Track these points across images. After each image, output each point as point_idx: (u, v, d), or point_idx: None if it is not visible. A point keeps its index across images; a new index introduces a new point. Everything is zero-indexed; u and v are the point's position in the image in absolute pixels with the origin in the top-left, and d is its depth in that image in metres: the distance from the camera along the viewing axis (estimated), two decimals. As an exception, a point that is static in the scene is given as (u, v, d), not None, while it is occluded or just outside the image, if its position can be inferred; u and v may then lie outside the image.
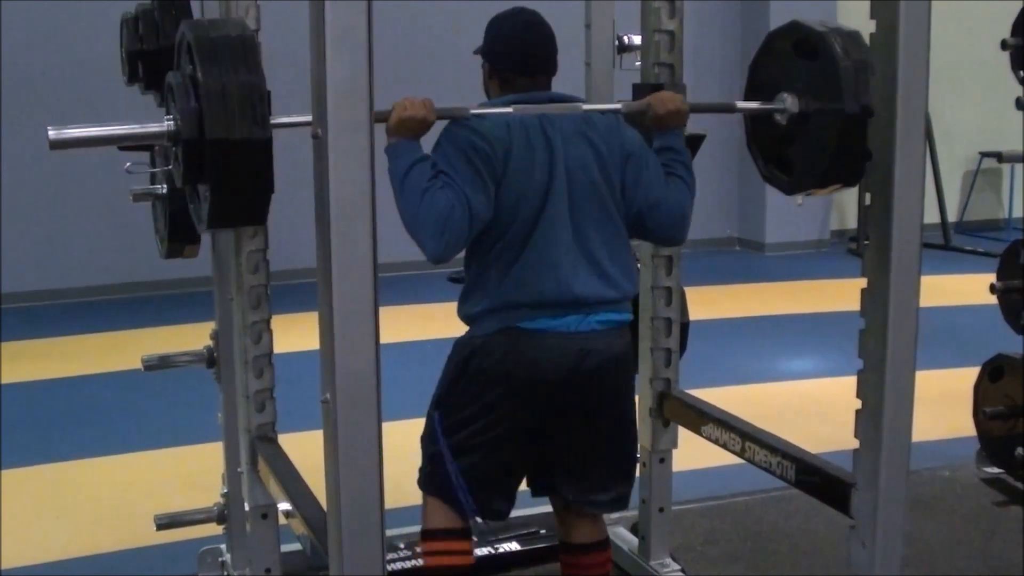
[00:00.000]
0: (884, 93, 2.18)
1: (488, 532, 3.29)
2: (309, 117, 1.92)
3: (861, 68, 2.24)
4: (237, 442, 2.94)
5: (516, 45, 2.60)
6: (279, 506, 2.77)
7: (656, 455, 3.17)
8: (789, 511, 3.83)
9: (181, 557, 3.47)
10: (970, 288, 6.25)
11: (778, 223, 8.83)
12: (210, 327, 3.14)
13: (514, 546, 3.41)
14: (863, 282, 2.28)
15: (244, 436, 2.87)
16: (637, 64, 3.13)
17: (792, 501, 3.78)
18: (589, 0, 3.19)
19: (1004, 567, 3.48)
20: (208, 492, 3.37)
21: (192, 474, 4.21)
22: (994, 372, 4.06)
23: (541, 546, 3.39)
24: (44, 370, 5.82)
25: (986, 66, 7.25)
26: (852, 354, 2.31)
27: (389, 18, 6.65)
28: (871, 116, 2.22)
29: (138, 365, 3.25)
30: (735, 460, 2.85)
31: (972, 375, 4.16)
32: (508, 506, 2.67)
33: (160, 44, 2.84)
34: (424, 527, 2.71)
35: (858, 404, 2.30)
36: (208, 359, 3.13)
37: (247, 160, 2.03)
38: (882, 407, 2.23)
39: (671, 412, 3.12)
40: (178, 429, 4.77)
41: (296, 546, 3.19)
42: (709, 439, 2.92)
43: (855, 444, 2.32)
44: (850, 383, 2.33)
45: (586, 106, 2.58)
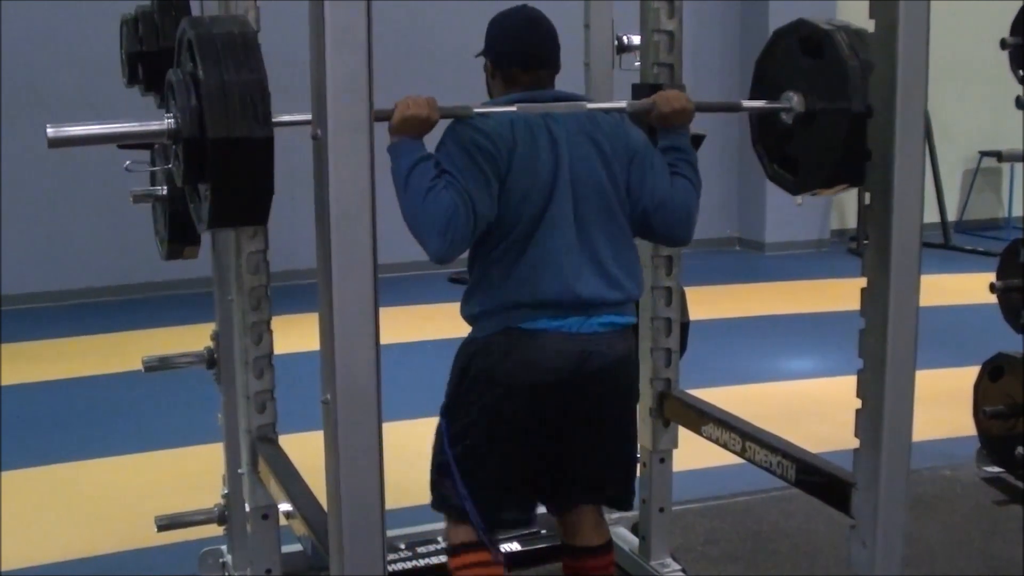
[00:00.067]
0: (884, 93, 2.17)
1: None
2: (309, 116, 1.91)
3: (868, 67, 2.22)
4: (238, 443, 2.94)
5: (518, 41, 2.57)
6: (280, 507, 2.76)
7: (656, 455, 3.17)
8: (789, 511, 3.83)
9: (182, 558, 3.47)
10: (970, 287, 6.25)
11: (778, 223, 8.84)
12: (210, 328, 3.14)
13: (515, 546, 3.41)
14: (863, 282, 2.28)
15: (245, 437, 2.87)
16: (636, 64, 3.13)
17: (792, 501, 3.78)
18: (588, 0, 3.19)
19: (1005, 566, 3.48)
20: (209, 493, 3.36)
21: (193, 475, 4.20)
22: (994, 371, 4.06)
23: (542, 546, 3.38)
24: (44, 371, 5.82)
25: (986, 65, 7.25)
26: (852, 354, 2.31)
27: (389, 18, 6.66)
28: (871, 116, 2.22)
29: (138, 366, 3.25)
30: (735, 460, 2.85)
31: (972, 374, 4.16)
32: (524, 515, 2.63)
33: (160, 45, 2.84)
34: (447, 544, 2.68)
35: (858, 404, 2.29)
36: (208, 360, 3.13)
37: (248, 159, 2.01)
38: (882, 407, 2.23)
39: (671, 412, 3.12)
40: (179, 430, 4.77)
41: (297, 547, 3.19)
42: (709, 439, 2.92)
43: (855, 444, 2.31)
44: (850, 383, 2.33)
45: (590, 105, 2.56)
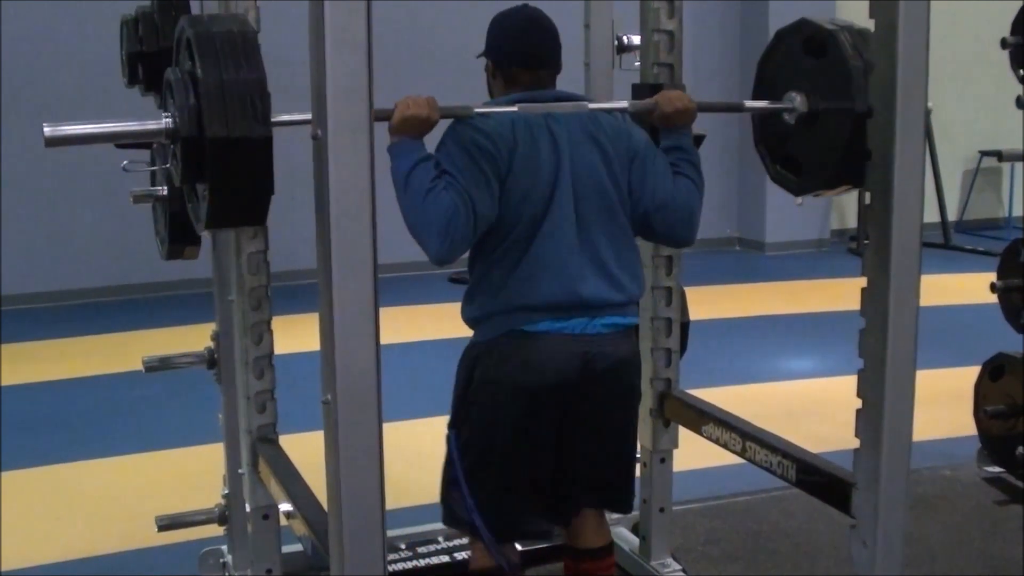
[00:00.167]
0: (884, 92, 2.17)
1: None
2: (309, 115, 1.91)
3: (871, 67, 2.21)
4: (238, 443, 2.94)
5: (519, 40, 2.56)
6: (280, 507, 2.76)
7: (657, 455, 3.17)
8: (790, 511, 3.83)
9: (182, 558, 3.47)
10: (970, 287, 6.25)
11: (778, 223, 8.84)
12: (211, 328, 3.14)
13: (515, 546, 3.41)
14: (863, 281, 2.28)
15: (245, 437, 2.87)
16: (636, 64, 3.13)
17: (793, 501, 3.78)
18: (588, 0, 3.19)
19: (1005, 566, 3.48)
20: (209, 493, 3.36)
21: (193, 475, 4.21)
22: (995, 371, 4.06)
23: (542, 546, 3.38)
24: (44, 371, 5.82)
25: (986, 65, 7.26)
26: (852, 353, 2.31)
27: (389, 18, 6.66)
28: (870, 116, 2.21)
29: (139, 366, 3.25)
30: (736, 460, 2.85)
31: (973, 374, 4.16)
32: (541, 525, 2.59)
33: (160, 46, 2.84)
34: (470, 569, 2.66)
35: (858, 403, 2.29)
36: (209, 360, 3.13)
37: (247, 159, 1.99)
38: (883, 406, 2.23)
39: (672, 412, 3.12)
40: (179, 430, 4.77)
41: (297, 547, 3.19)
42: (710, 439, 2.92)
43: (856, 443, 2.31)
44: (850, 382, 2.33)
45: (592, 105, 2.54)
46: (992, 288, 4.03)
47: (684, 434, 3.14)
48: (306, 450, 2.64)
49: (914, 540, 3.50)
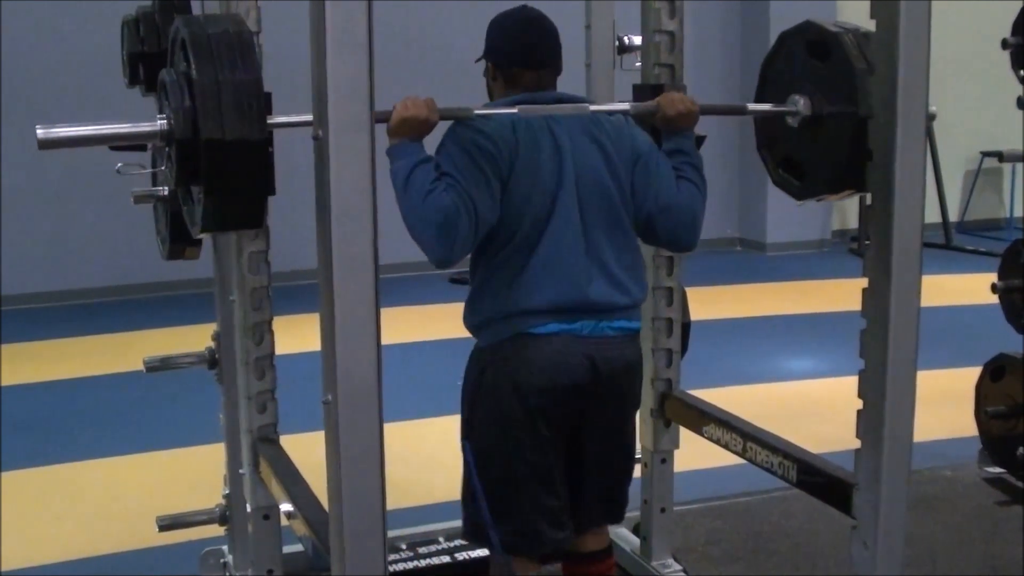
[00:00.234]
0: (885, 93, 2.17)
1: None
2: (306, 117, 1.90)
3: (875, 70, 2.19)
4: (239, 443, 2.94)
5: (519, 39, 2.54)
6: (281, 507, 2.76)
7: (658, 455, 3.17)
8: (790, 511, 3.83)
9: (183, 558, 3.47)
10: (971, 288, 6.24)
11: (779, 223, 8.83)
12: (212, 328, 3.14)
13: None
14: (864, 282, 2.27)
15: (246, 437, 2.87)
16: (637, 65, 3.12)
17: (793, 501, 3.78)
18: (589, 0, 3.19)
19: (1006, 567, 3.48)
20: (210, 493, 3.37)
21: (194, 475, 4.21)
22: (996, 372, 4.06)
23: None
24: (45, 372, 5.83)
25: (987, 65, 7.24)
26: (853, 354, 2.31)
27: (389, 19, 6.66)
28: (870, 117, 2.21)
29: (140, 367, 3.26)
30: (736, 460, 2.85)
31: (973, 375, 4.16)
32: (557, 535, 2.51)
33: (161, 46, 2.84)
34: None
35: (859, 404, 2.29)
36: (210, 360, 3.13)
37: (243, 161, 1.96)
38: (883, 407, 2.22)
39: (672, 412, 3.12)
40: (180, 430, 4.77)
41: (298, 547, 3.19)
42: (710, 439, 2.92)
43: (856, 444, 2.31)
44: (851, 383, 2.33)
45: (593, 107, 2.51)
46: (993, 289, 4.02)
47: (685, 434, 3.14)
48: (307, 450, 2.65)
49: (915, 541, 3.50)
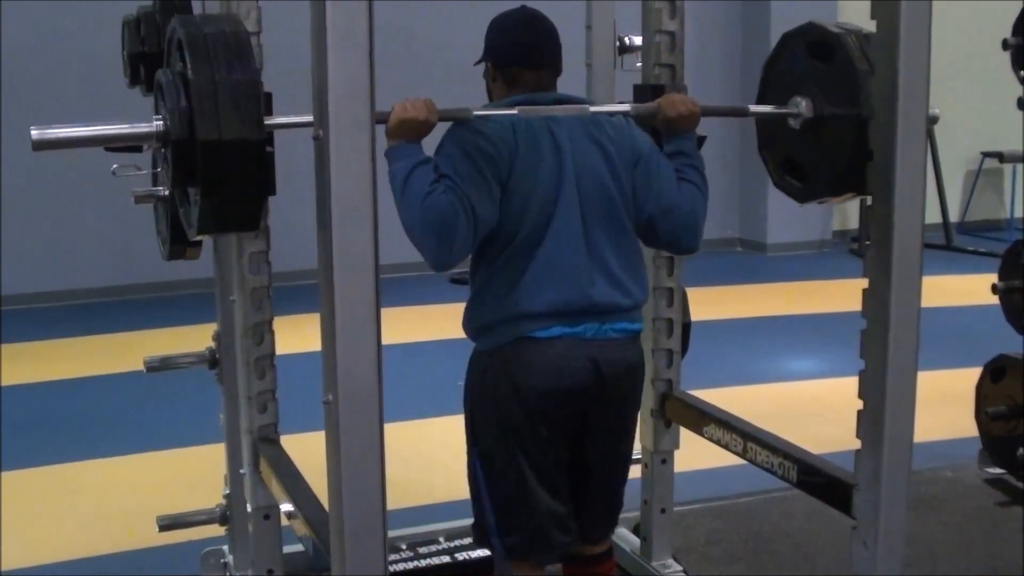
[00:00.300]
0: (885, 94, 2.16)
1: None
2: (305, 117, 1.89)
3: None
4: (239, 443, 2.94)
5: (519, 39, 2.52)
6: (281, 507, 2.76)
7: (658, 456, 3.17)
8: (791, 512, 3.83)
9: (183, 558, 3.47)
10: (972, 288, 6.25)
11: (780, 224, 8.83)
12: (212, 329, 3.14)
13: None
14: (865, 282, 2.27)
15: (246, 437, 2.87)
16: (638, 65, 3.12)
17: (794, 502, 3.78)
18: (590, 1, 3.19)
19: (1006, 567, 3.48)
20: (210, 493, 3.37)
21: (194, 475, 4.21)
22: (996, 372, 4.06)
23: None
24: (46, 372, 5.83)
25: (987, 66, 7.24)
26: (854, 354, 2.31)
27: (389, 19, 6.65)
28: (871, 118, 2.21)
29: (140, 367, 3.26)
30: (737, 461, 2.85)
31: (974, 375, 4.16)
32: (569, 536, 2.50)
33: (162, 47, 2.83)
34: None
35: (860, 404, 2.29)
36: (210, 360, 3.13)
37: (240, 162, 1.93)
38: (884, 407, 2.23)
39: (673, 413, 3.12)
40: (180, 430, 4.77)
41: (298, 547, 3.19)
42: (711, 440, 2.92)
43: (857, 444, 2.31)
44: (852, 383, 2.33)
45: (594, 108, 2.50)
46: (993, 289, 4.03)
47: (685, 435, 3.14)
48: (307, 450, 2.65)
49: (915, 541, 3.49)
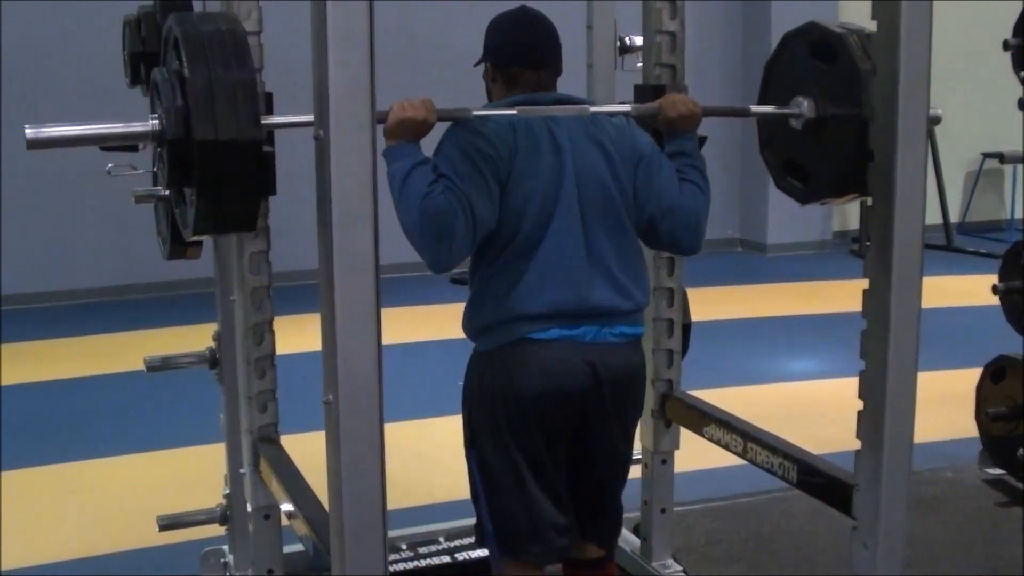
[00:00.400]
0: (886, 94, 2.16)
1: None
2: (305, 117, 1.89)
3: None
4: (239, 443, 2.94)
5: (519, 38, 2.51)
6: (281, 507, 2.76)
7: (658, 456, 3.17)
8: (791, 512, 3.83)
9: (183, 558, 3.47)
10: (972, 289, 6.26)
11: (780, 224, 8.83)
12: (212, 328, 3.14)
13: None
14: (865, 283, 2.27)
15: (246, 437, 2.87)
16: (638, 65, 3.12)
17: (794, 502, 3.78)
18: (590, 1, 3.19)
19: (1006, 568, 3.48)
20: (210, 493, 3.37)
21: (194, 475, 4.21)
22: (996, 373, 4.07)
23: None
24: (46, 371, 5.83)
25: (988, 67, 7.25)
26: (854, 355, 2.31)
27: (388, 19, 6.66)
28: (871, 118, 2.21)
29: (140, 367, 3.26)
30: (737, 461, 2.85)
31: (974, 376, 4.16)
32: (567, 539, 2.50)
33: (162, 46, 2.84)
34: None
35: (860, 405, 2.29)
36: (210, 360, 3.14)
37: (236, 162, 1.91)
38: (884, 408, 2.22)
39: (673, 413, 3.12)
40: (180, 430, 4.77)
41: (298, 547, 3.18)
42: (711, 440, 2.92)
43: (857, 445, 2.31)
44: (852, 384, 2.33)
45: (594, 108, 2.48)
46: (994, 290, 4.03)
47: (685, 435, 3.14)
48: (307, 450, 2.64)
49: (915, 542, 3.49)
